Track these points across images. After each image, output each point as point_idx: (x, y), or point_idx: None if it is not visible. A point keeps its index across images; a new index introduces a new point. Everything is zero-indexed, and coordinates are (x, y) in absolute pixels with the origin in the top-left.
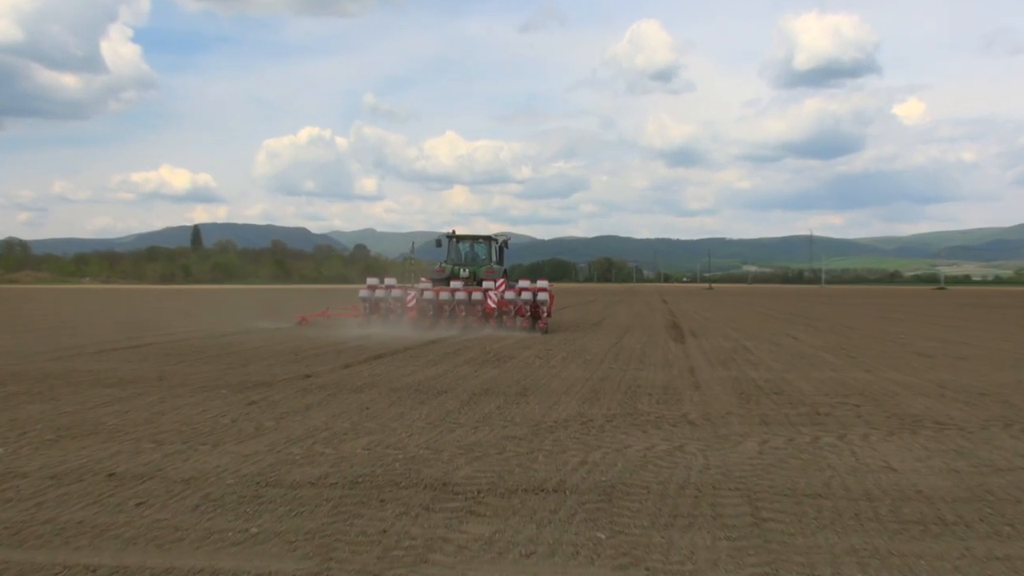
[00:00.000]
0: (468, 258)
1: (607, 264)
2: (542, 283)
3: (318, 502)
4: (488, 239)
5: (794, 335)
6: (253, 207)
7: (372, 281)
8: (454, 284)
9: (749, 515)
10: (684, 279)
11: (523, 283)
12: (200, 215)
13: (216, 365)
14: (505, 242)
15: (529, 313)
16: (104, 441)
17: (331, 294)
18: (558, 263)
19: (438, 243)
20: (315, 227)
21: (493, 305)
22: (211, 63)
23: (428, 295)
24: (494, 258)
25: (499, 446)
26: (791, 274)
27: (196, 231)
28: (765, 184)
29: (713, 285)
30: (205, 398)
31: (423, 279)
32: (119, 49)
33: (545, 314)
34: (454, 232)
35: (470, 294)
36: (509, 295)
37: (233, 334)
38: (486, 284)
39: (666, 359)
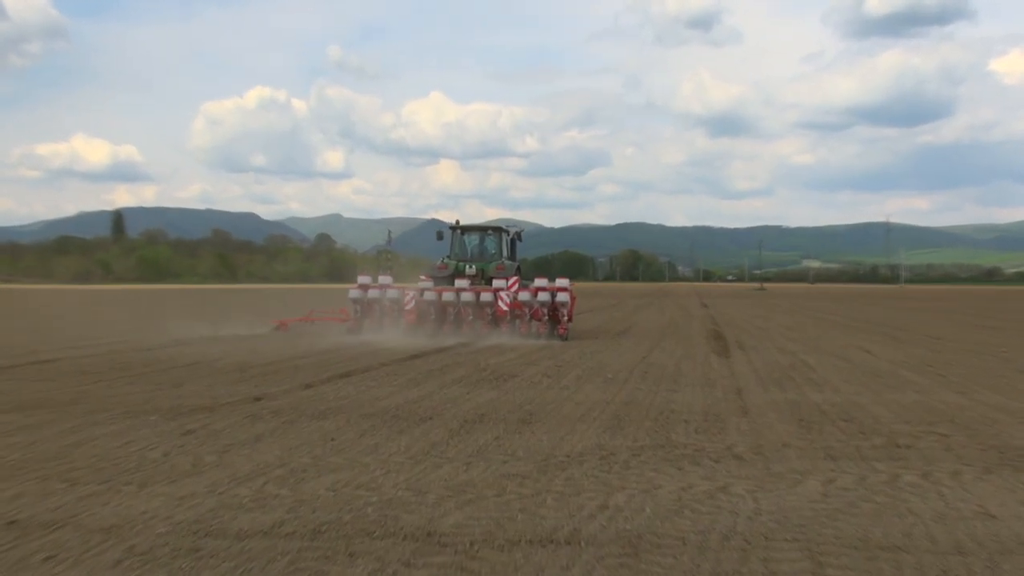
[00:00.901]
0: (475, 253)
1: (633, 258)
2: (562, 282)
3: (271, 556)
4: (498, 231)
5: (867, 348)
6: (189, 187)
7: (364, 280)
8: (459, 283)
9: (810, 573)
10: (729, 277)
11: (539, 282)
12: (123, 197)
13: (143, 385)
14: (518, 234)
15: (547, 317)
16: (3, 481)
17: (299, 297)
18: (572, 257)
19: (439, 236)
20: (267, 212)
21: (505, 308)
22: (136, 6)
23: (429, 296)
24: (505, 253)
25: (497, 486)
26: (863, 271)
27: (118, 217)
28: (830, 158)
29: (765, 285)
30: (130, 426)
31: (423, 277)
32: None
33: (565, 318)
34: (458, 223)
35: (478, 295)
36: (523, 296)
37: (165, 346)
38: (496, 283)
39: (707, 378)
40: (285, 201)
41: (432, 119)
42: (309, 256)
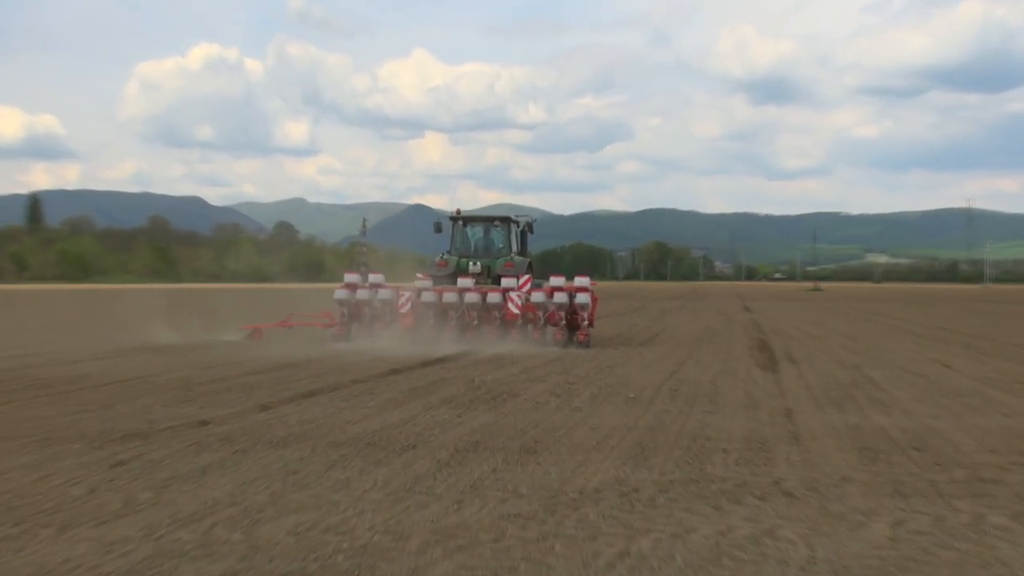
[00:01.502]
0: (480, 247)
1: (660, 252)
2: (581, 281)
3: None
4: (506, 221)
5: (945, 361)
6: (120, 166)
7: (351, 278)
8: (462, 282)
9: None
10: (777, 276)
11: (555, 281)
12: (40, 179)
13: (65, 406)
14: (529, 225)
15: (564, 321)
16: None
17: (262, 299)
18: (585, 251)
19: (437, 228)
20: (216, 196)
21: (516, 311)
22: None
23: (428, 297)
24: (514, 247)
25: (495, 529)
26: (939, 268)
27: (34, 203)
28: (899, 131)
29: (821, 285)
30: (48, 457)
31: (420, 275)
32: None
33: (586, 322)
34: (459, 212)
35: (484, 296)
36: (537, 297)
37: (93, 359)
38: (505, 282)
39: (750, 396)
40: (237, 183)
41: (415, 83)
42: (267, 249)
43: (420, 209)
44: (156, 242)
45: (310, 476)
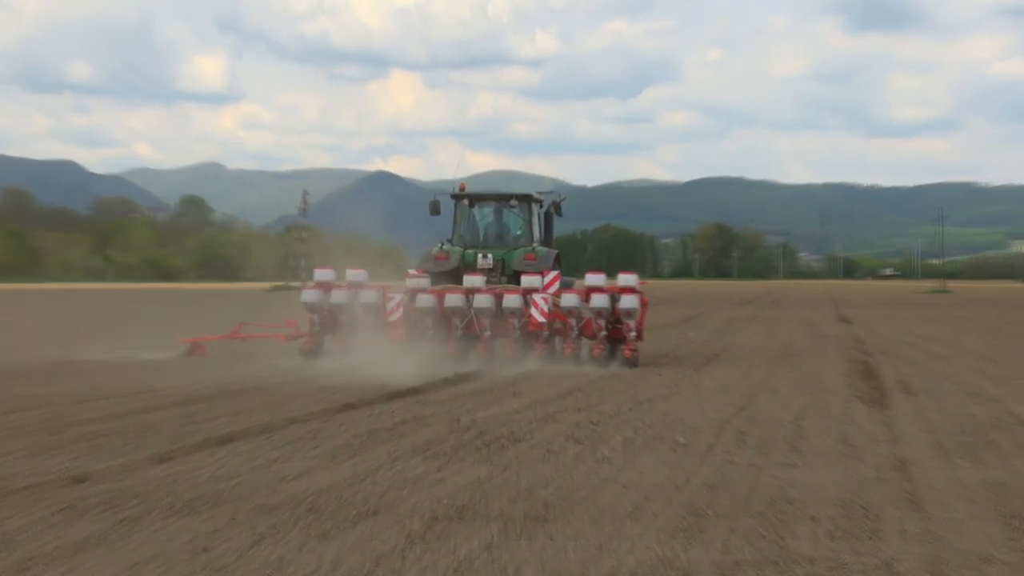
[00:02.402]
0: (492, 234)
1: (721, 239)
2: (627, 279)
3: None
4: (526, 200)
5: None
6: None
7: (323, 276)
8: (469, 280)
9: None
10: (887, 271)
11: (592, 279)
12: None
13: None
14: (557, 205)
15: (604, 332)
16: None
17: (168, 302)
18: (616, 237)
19: (435, 209)
20: (97, 161)
21: (542, 318)
22: None
23: (424, 301)
24: (537, 234)
25: None
26: None
27: None
28: None
29: (949, 284)
30: None
31: (413, 272)
32: None
33: (633, 333)
34: (463, 189)
35: (498, 298)
36: (569, 300)
37: None
38: (526, 280)
39: (848, 442)
40: (128, 141)
41: (376, 2)
42: (169, 235)
43: (384, 179)
44: (8, 223)
45: (228, 555)
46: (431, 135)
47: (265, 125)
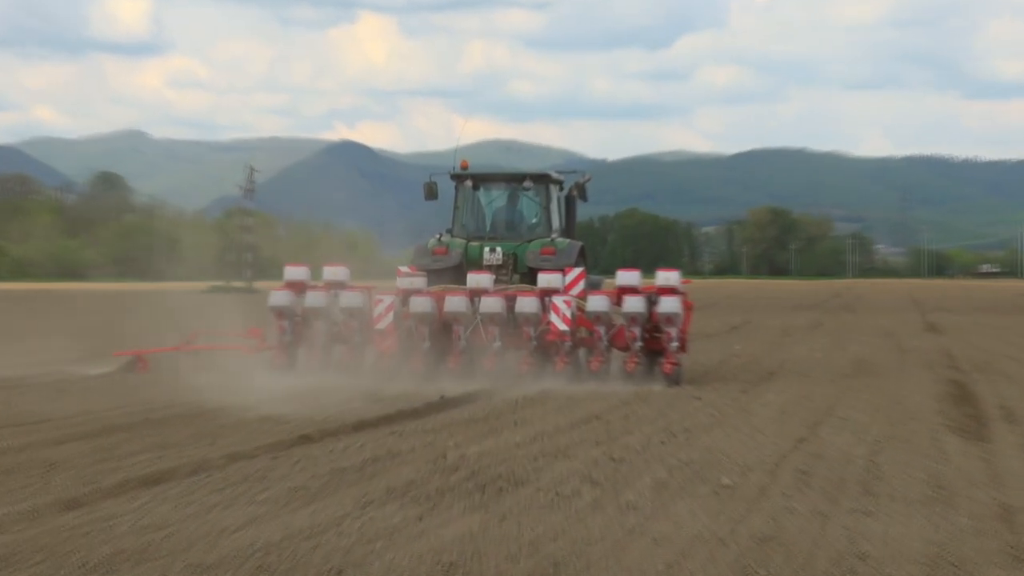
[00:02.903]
0: (500, 223)
1: (776, 227)
2: (667, 278)
3: None
4: (543, 180)
5: None
6: None
7: (295, 274)
8: (474, 280)
9: None
10: (986, 267)
11: (624, 278)
12: None
13: None
14: (580, 187)
15: (640, 343)
16: None
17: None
18: (644, 224)
19: (430, 193)
20: None
21: (564, 326)
22: None
23: (420, 305)
24: (557, 223)
25: None
26: None
27: None
28: None
29: None
30: None
31: (405, 269)
32: None
33: (675, 344)
34: (466, 167)
35: (510, 302)
36: (597, 304)
37: None
38: (544, 279)
39: (937, 484)
40: (25, 104)
41: None
42: (80, 221)
43: (350, 151)
44: None
45: None
46: (409, 95)
47: (200, 83)
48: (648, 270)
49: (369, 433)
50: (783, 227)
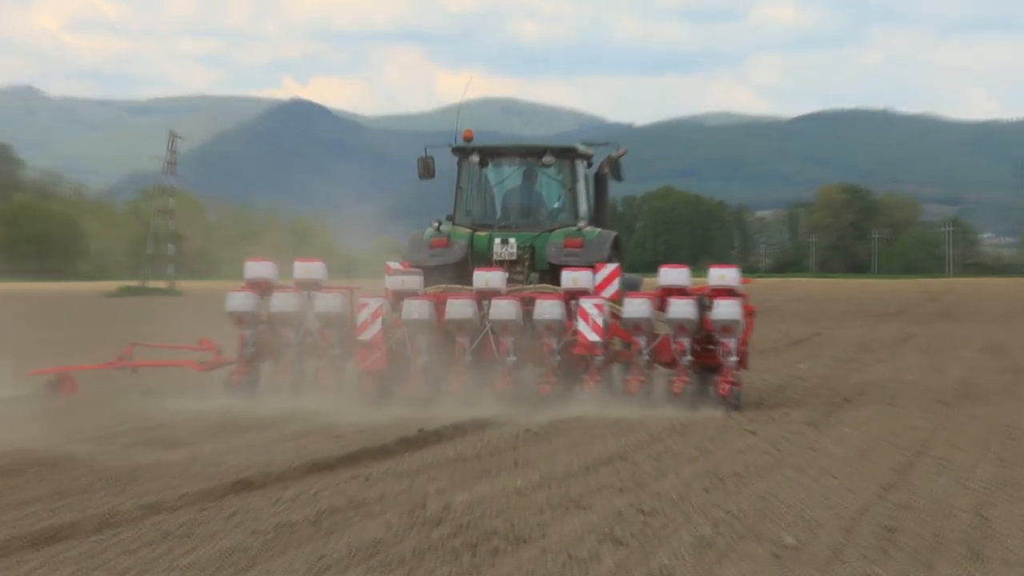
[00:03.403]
0: (514, 208)
1: (851, 208)
2: (723, 276)
3: None
4: (567, 155)
5: None
6: None
7: (259, 271)
8: (482, 279)
9: None
10: None
11: (670, 275)
12: None
13: None
14: (614, 162)
15: (689, 356)
16: None
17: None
18: (684, 205)
19: (426, 170)
20: None
21: (596, 336)
22: None
23: (415, 310)
24: (584, 208)
25: None
26: None
27: None
28: None
29: None
30: None
31: (396, 265)
32: None
33: (733, 359)
34: (470, 139)
35: (527, 306)
36: (636, 309)
37: None
38: (569, 277)
39: None
40: None
41: None
42: None
43: (302, 113)
44: None
45: None
46: (377, 41)
47: (107, 25)
48: (690, 267)
49: (326, 477)
50: (861, 211)
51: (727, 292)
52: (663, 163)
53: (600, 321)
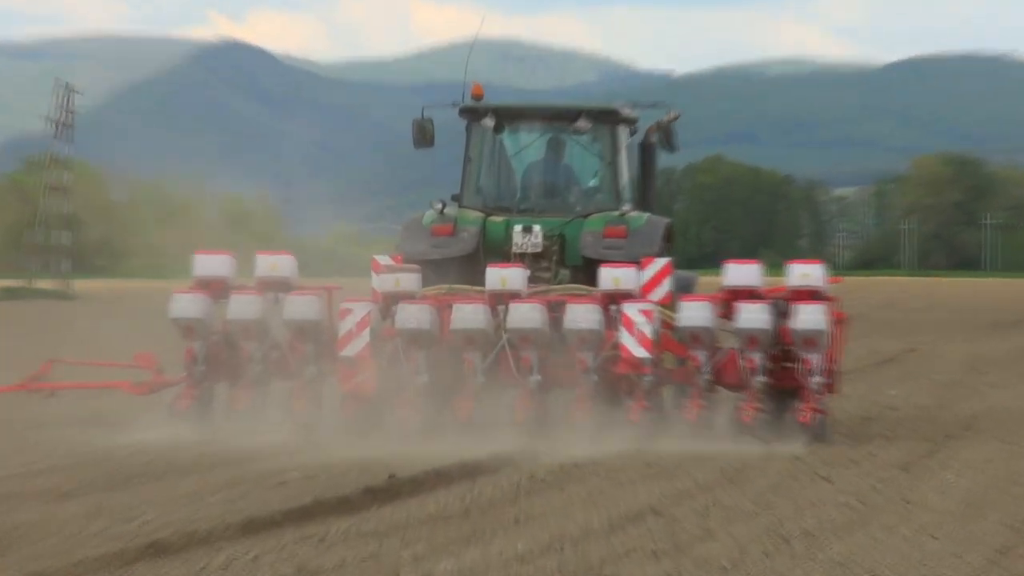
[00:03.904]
0: (537, 187)
1: (958, 185)
2: (806, 271)
3: None
4: (606, 119)
5: None
6: None
7: (212, 267)
8: (496, 276)
9: None
10: None
11: (737, 273)
12: None
13: None
14: (666, 128)
15: (761, 376)
16: None
17: None
18: (740, 178)
19: (422, 135)
20: None
21: (643, 352)
22: None
23: (412, 317)
24: (625, 188)
25: None
26: None
27: None
28: None
29: None
30: None
31: (387, 260)
32: None
33: (818, 379)
34: (480, 97)
35: (556, 313)
36: (692, 315)
37: None
38: (609, 277)
39: None
40: None
41: None
42: None
43: (235, 56)
44: None
45: None
46: None
47: None
48: (752, 258)
49: (268, 538)
50: (971, 189)
51: (809, 295)
52: (711, 126)
53: (648, 331)
